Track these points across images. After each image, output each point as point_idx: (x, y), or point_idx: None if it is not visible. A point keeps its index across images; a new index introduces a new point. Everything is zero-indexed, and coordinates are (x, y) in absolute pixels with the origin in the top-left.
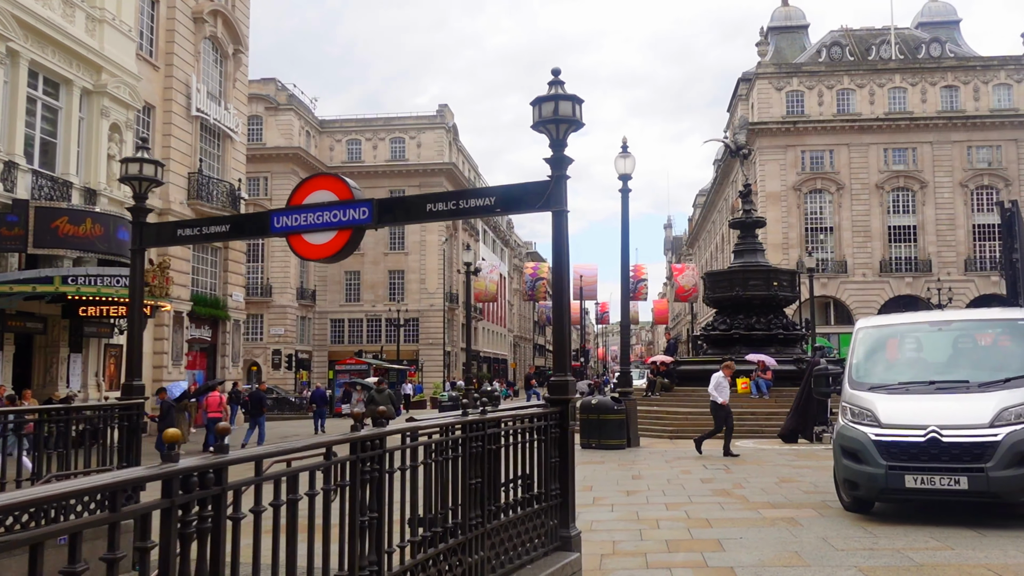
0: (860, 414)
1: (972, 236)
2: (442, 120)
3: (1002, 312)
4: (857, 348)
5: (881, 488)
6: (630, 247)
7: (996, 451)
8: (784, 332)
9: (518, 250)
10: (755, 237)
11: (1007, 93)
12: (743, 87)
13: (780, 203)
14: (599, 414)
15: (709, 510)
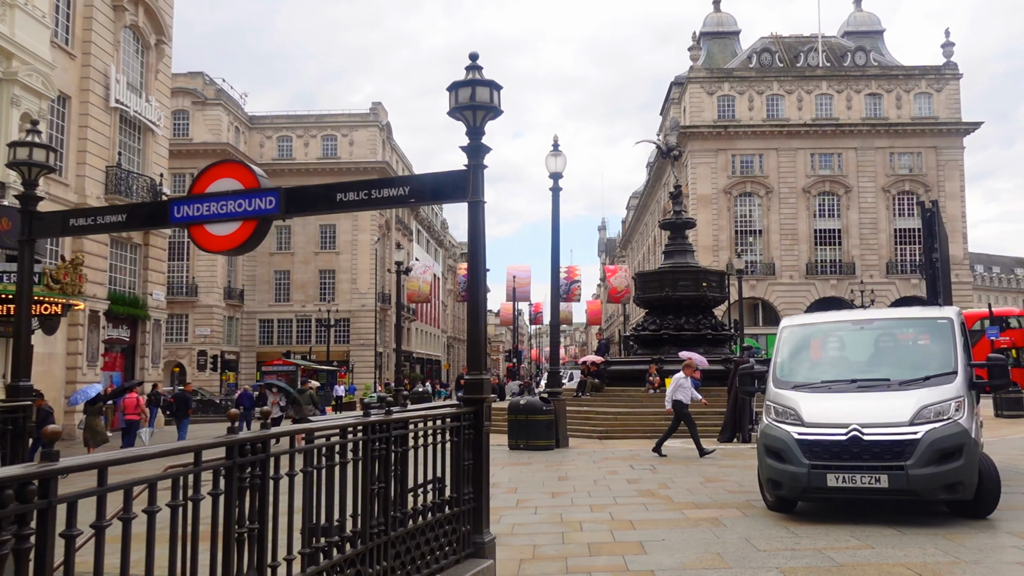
0: (784, 413)
1: (894, 240)
2: (375, 118)
3: (922, 311)
4: (781, 347)
5: (804, 487)
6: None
7: (916, 449)
8: (713, 332)
9: (452, 251)
10: (685, 238)
11: (927, 102)
12: (675, 91)
13: (711, 206)
14: (527, 415)
15: (634, 511)
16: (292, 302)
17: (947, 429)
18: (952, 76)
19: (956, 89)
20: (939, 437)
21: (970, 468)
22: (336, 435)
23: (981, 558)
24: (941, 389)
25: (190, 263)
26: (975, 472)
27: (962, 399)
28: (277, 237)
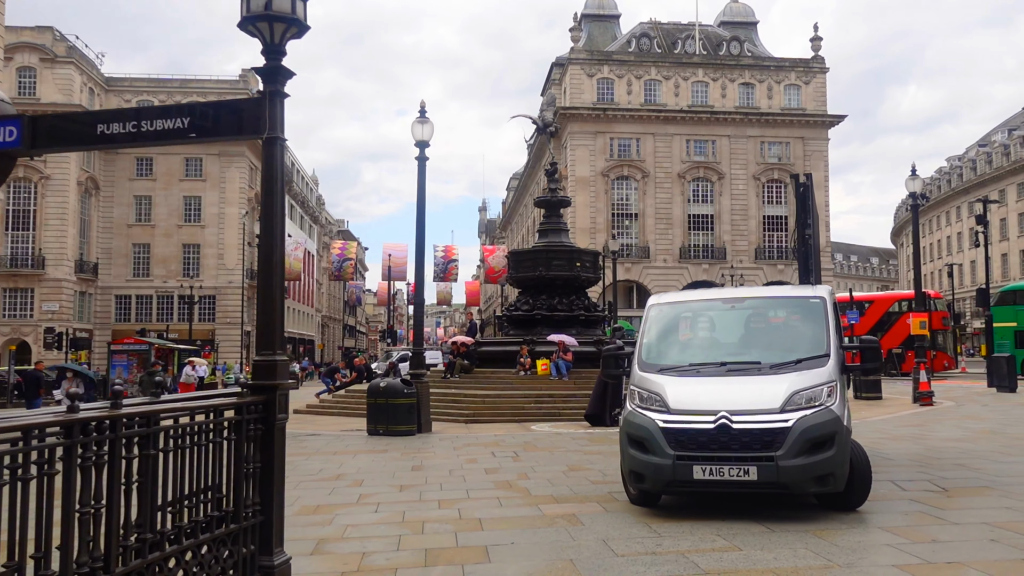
0: (649, 399)
1: (762, 226)
2: (245, 86)
3: (794, 290)
4: (648, 327)
5: (668, 480)
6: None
7: (787, 438)
8: (586, 313)
9: (329, 228)
10: (560, 217)
11: (797, 93)
12: (556, 72)
13: (589, 188)
14: (387, 398)
15: (486, 507)
16: (152, 277)
17: (819, 416)
18: (819, 70)
19: (823, 82)
20: (811, 425)
21: (842, 458)
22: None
23: (855, 560)
24: (813, 373)
25: (36, 233)
26: (846, 462)
27: (834, 384)
28: (136, 208)
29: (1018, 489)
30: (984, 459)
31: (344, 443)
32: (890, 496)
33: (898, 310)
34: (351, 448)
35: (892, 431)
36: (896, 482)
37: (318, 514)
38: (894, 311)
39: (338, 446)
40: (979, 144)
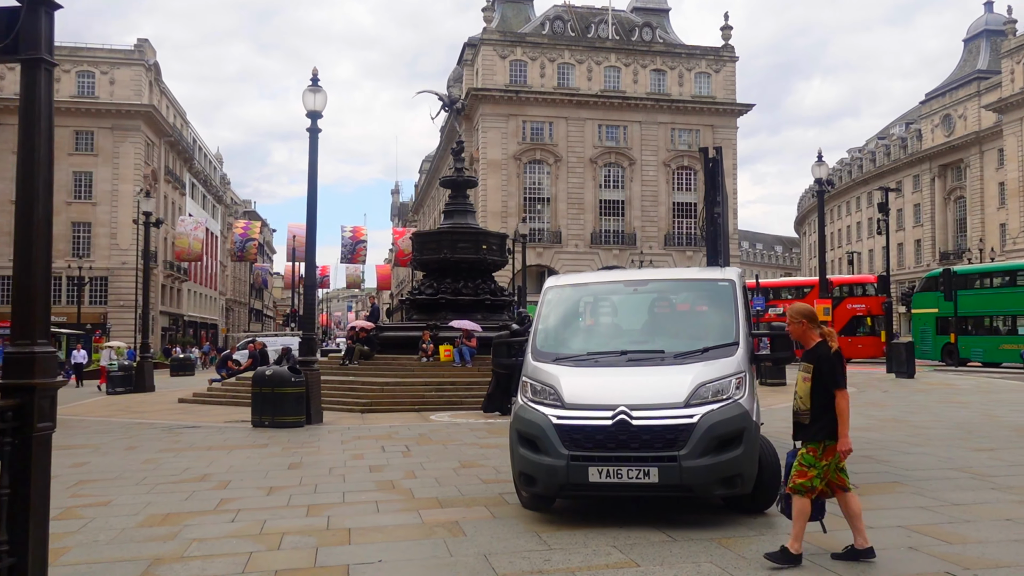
0: (542, 392)
1: (672, 213)
2: (141, 56)
3: (701, 272)
4: (544, 311)
5: (562, 483)
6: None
7: (691, 436)
8: (492, 298)
9: (234, 208)
10: (467, 198)
11: (707, 81)
12: (469, 52)
13: (501, 171)
14: (274, 387)
15: (360, 514)
16: None
17: (726, 411)
18: (729, 59)
19: (732, 71)
20: (717, 421)
21: (750, 457)
22: None
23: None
24: (721, 363)
25: None
26: (755, 461)
27: (743, 375)
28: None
29: (930, 485)
30: (891, 450)
31: (223, 436)
32: None
33: (838, 295)
34: (229, 442)
35: None
36: None
37: (164, 525)
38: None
39: (215, 440)
40: (878, 137)
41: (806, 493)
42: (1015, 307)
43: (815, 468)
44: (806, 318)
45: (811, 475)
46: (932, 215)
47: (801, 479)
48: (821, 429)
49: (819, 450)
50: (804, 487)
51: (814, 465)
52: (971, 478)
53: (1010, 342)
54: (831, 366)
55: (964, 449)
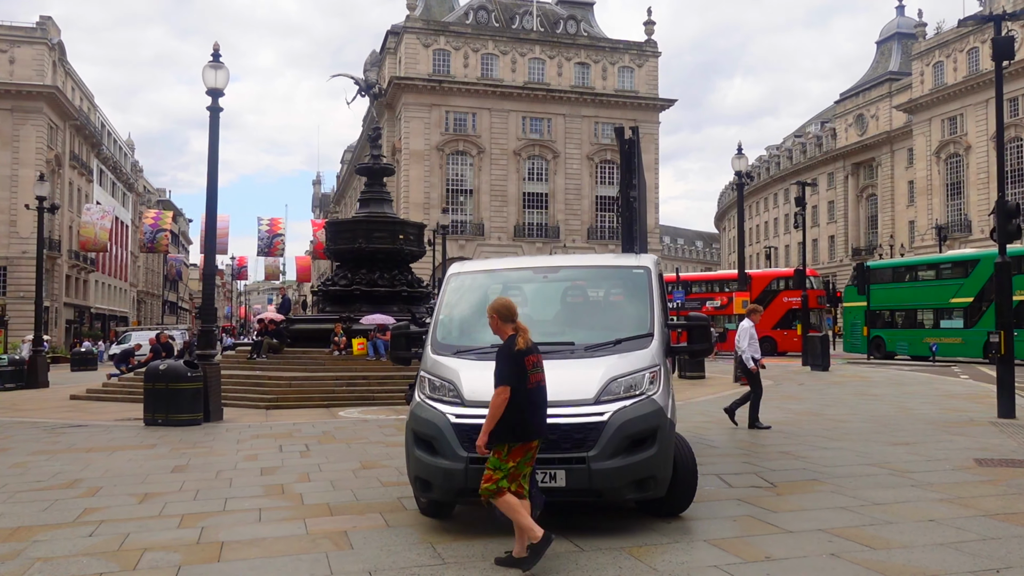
0: (441, 388)
1: (595, 207)
2: (44, 34)
3: (615, 259)
4: (446, 300)
5: (460, 488)
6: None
7: (601, 435)
8: (409, 289)
9: (147, 197)
10: (383, 186)
11: (630, 76)
12: (392, 40)
13: (423, 162)
14: (168, 383)
15: (239, 524)
16: None
17: (639, 408)
18: (652, 54)
19: (655, 66)
20: (630, 419)
21: (664, 457)
22: None
23: None
24: (634, 357)
25: None
26: (670, 462)
27: (658, 368)
28: None
29: (849, 483)
30: (808, 445)
31: (110, 436)
32: (716, 495)
33: (776, 288)
34: (115, 443)
35: (716, 413)
36: (722, 476)
37: (10, 541)
38: (772, 289)
39: (100, 440)
40: (795, 135)
41: (496, 496)
42: (938, 300)
43: (501, 470)
44: (497, 312)
45: (496, 478)
46: (845, 212)
47: (487, 483)
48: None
49: (504, 451)
50: (491, 491)
51: (499, 467)
52: (890, 474)
53: (933, 335)
54: (497, 361)
55: (881, 443)
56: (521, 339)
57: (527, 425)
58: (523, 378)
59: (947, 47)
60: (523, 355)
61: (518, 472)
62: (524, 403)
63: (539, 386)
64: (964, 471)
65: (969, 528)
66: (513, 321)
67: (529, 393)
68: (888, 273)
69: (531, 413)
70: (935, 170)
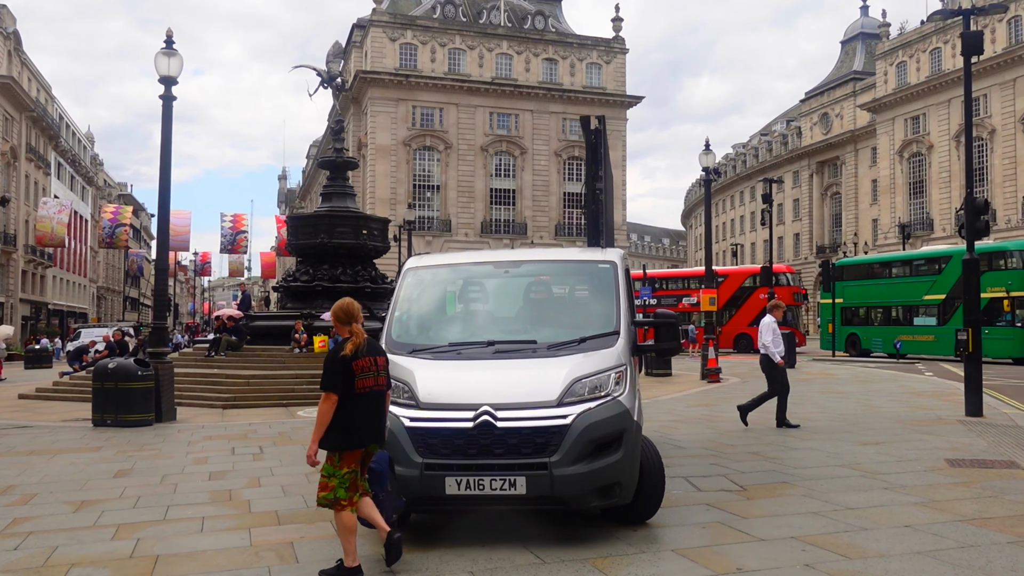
0: (395, 389)
1: (563, 203)
2: None
3: (581, 253)
4: (402, 296)
5: (415, 497)
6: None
7: (564, 439)
8: (373, 286)
9: (108, 191)
10: (346, 180)
11: (598, 72)
12: (357, 34)
13: (390, 157)
14: (117, 381)
15: (178, 535)
16: None
17: (604, 411)
18: (620, 50)
19: (623, 63)
20: (594, 422)
21: (630, 462)
22: None
23: None
24: (599, 355)
25: None
26: (636, 467)
27: (624, 368)
28: None
29: (820, 486)
30: (777, 446)
31: (54, 438)
32: (684, 500)
33: (752, 285)
34: (58, 445)
35: (683, 412)
36: (690, 479)
37: None
38: (747, 286)
39: (43, 442)
40: (761, 133)
41: (335, 506)
42: (911, 297)
43: (335, 477)
44: (335, 315)
45: (332, 485)
46: (810, 210)
47: (323, 491)
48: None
49: (336, 458)
50: (327, 500)
51: (334, 474)
52: (862, 476)
53: (907, 333)
54: (323, 366)
55: (851, 443)
56: (351, 344)
57: (355, 431)
58: (350, 383)
59: (910, 47)
60: (350, 360)
61: (357, 480)
62: (352, 409)
63: (371, 391)
64: (936, 472)
65: (946, 535)
66: (350, 324)
67: (358, 399)
68: (862, 269)
69: (360, 419)
70: (898, 169)
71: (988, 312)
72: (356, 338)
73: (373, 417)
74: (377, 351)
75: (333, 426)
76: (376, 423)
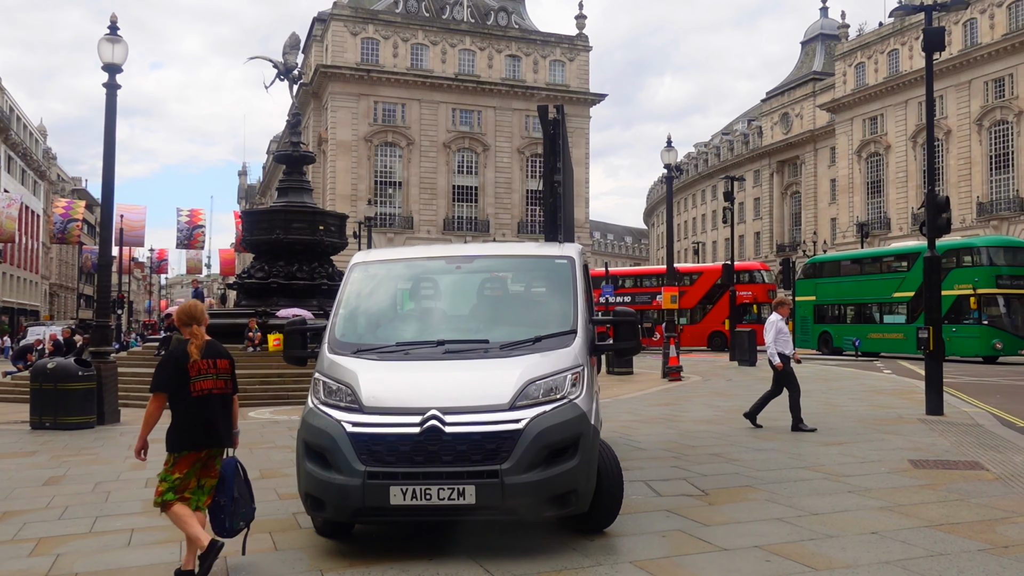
0: (337, 392)
1: (526, 200)
2: None
3: (537, 248)
4: (348, 293)
5: (356, 507)
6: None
7: (517, 445)
8: (329, 283)
9: (61, 185)
10: (303, 174)
11: (561, 70)
12: (318, 28)
13: (351, 153)
14: (57, 382)
15: (103, 550)
16: None
17: (560, 414)
18: (583, 48)
19: (586, 61)
20: (549, 426)
21: (587, 469)
22: None
23: None
24: (555, 356)
25: None
26: (593, 473)
27: (581, 369)
28: None
29: (784, 489)
30: (739, 446)
31: None
32: (644, 506)
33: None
34: None
35: (644, 411)
36: (650, 483)
37: None
38: (722, 283)
39: None
40: (723, 133)
41: (164, 508)
42: (881, 294)
43: (166, 481)
44: (176, 317)
45: (162, 489)
46: (771, 209)
47: (156, 495)
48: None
49: (169, 462)
50: (157, 503)
51: (165, 478)
52: (825, 478)
53: (878, 331)
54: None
55: (813, 443)
56: (192, 345)
57: (190, 434)
58: (185, 385)
59: (868, 48)
60: (184, 361)
61: (186, 484)
62: (187, 411)
63: (210, 394)
64: (900, 474)
65: (915, 542)
66: (190, 326)
67: (194, 401)
68: (835, 267)
69: (196, 422)
70: (856, 169)
71: (956, 310)
72: (195, 340)
73: (212, 421)
74: (219, 354)
75: (171, 427)
76: (216, 427)
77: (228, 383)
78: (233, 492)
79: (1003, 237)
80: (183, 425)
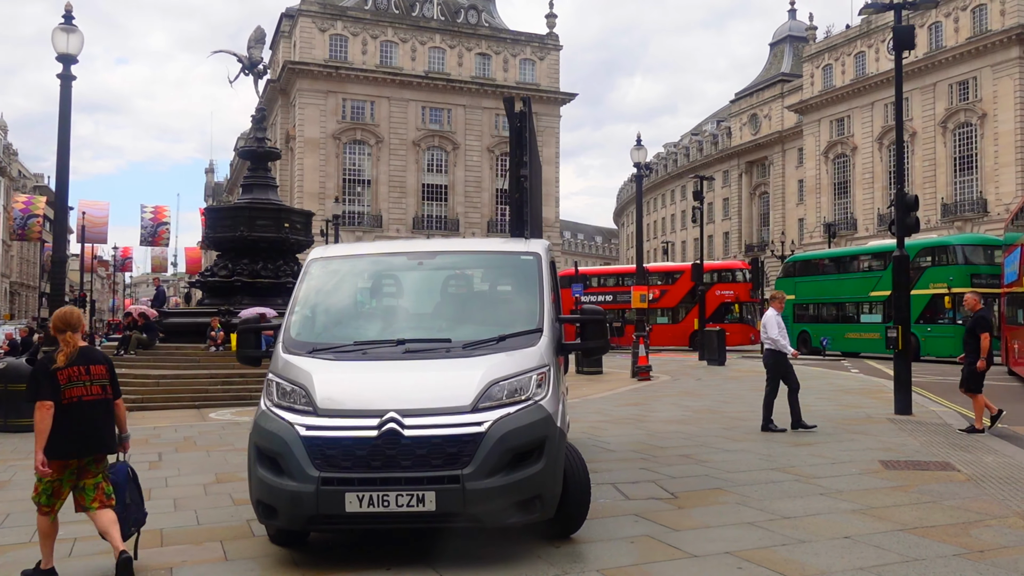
0: (291, 394)
1: (495, 199)
2: None
3: (502, 244)
4: (304, 290)
5: (310, 515)
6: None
7: (479, 449)
8: (294, 281)
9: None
10: (268, 171)
11: (531, 68)
12: (286, 24)
13: (319, 151)
14: (7, 383)
15: (29, 563)
16: None
17: (524, 416)
18: (554, 47)
19: (556, 59)
20: (513, 429)
21: (553, 473)
22: None
23: None
24: (519, 355)
25: None
26: (559, 477)
27: (546, 369)
28: None
29: (755, 492)
30: (709, 447)
31: None
32: (612, 510)
33: (709, 281)
34: None
35: (613, 411)
36: (618, 486)
37: None
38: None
39: None
40: (692, 133)
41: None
42: (859, 293)
43: (41, 482)
44: (52, 324)
45: (38, 489)
46: (740, 209)
47: (34, 493)
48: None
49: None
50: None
51: (40, 479)
52: (796, 480)
53: (855, 330)
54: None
55: (783, 444)
56: (61, 353)
57: (61, 441)
58: (57, 392)
59: (836, 50)
60: (53, 369)
61: (61, 489)
62: (59, 419)
63: (81, 401)
64: (871, 475)
65: (888, 547)
66: (64, 332)
67: (66, 409)
68: (814, 265)
69: (68, 429)
70: (823, 169)
71: (931, 309)
72: (67, 347)
73: (86, 428)
74: (93, 359)
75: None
76: (91, 434)
77: (106, 388)
78: (125, 498)
79: (979, 235)
80: (56, 432)
